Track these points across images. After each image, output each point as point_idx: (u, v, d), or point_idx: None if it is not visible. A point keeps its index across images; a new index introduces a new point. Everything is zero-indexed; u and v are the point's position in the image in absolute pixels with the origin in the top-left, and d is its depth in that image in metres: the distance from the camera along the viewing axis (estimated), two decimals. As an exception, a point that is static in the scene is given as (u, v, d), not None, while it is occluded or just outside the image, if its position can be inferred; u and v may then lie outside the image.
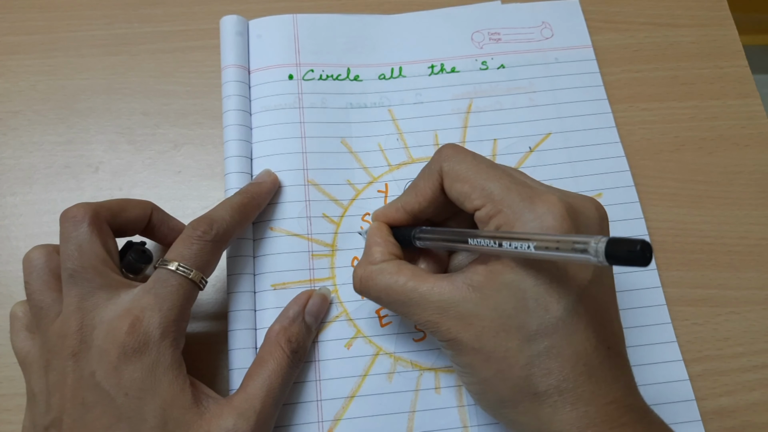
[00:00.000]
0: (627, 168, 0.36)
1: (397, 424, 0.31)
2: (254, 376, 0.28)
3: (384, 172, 0.36)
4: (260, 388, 0.27)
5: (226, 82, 0.37)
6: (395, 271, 0.27)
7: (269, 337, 0.30)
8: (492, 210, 0.25)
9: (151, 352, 0.26)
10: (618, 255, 0.18)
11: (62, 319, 0.26)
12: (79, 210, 0.28)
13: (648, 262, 0.18)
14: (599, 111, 0.38)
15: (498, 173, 0.26)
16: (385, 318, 0.33)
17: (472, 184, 0.26)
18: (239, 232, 0.31)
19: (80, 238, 0.27)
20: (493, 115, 0.38)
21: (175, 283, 0.27)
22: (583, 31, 0.40)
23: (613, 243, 0.19)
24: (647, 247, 0.18)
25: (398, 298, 0.27)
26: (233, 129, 0.35)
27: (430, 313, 0.25)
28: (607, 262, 0.19)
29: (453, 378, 0.32)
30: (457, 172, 0.27)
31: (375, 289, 0.27)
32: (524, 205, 0.24)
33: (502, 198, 0.25)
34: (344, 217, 0.35)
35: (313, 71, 0.38)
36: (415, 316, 0.26)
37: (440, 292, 0.25)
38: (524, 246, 0.22)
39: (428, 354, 0.32)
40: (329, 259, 0.34)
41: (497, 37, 0.40)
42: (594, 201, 0.26)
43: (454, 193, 0.27)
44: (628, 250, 0.18)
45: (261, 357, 0.29)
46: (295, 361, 0.29)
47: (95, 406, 0.25)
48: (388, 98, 0.38)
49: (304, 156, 0.35)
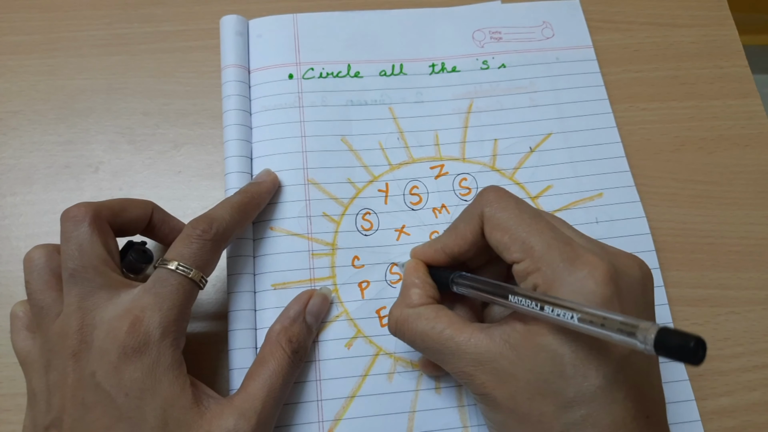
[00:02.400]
0: (627, 168, 0.36)
1: (398, 424, 0.31)
2: (255, 376, 0.28)
3: (384, 171, 0.36)
4: (261, 388, 0.27)
5: (226, 82, 0.37)
6: (433, 317, 0.26)
7: (270, 337, 0.30)
8: (531, 267, 0.24)
9: (151, 351, 0.26)
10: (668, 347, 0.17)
11: (63, 318, 0.26)
12: (80, 210, 0.27)
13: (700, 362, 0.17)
14: (600, 111, 0.38)
15: (540, 226, 0.25)
16: (385, 318, 0.33)
17: (512, 235, 0.25)
18: (239, 231, 0.31)
19: (81, 238, 0.27)
20: (494, 115, 0.37)
21: (175, 283, 0.27)
22: (583, 31, 0.40)
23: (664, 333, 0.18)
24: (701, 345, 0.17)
25: (434, 345, 0.26)
26: (233, 129, 0.35)
27: (465, 364, 0.25)
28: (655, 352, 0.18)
29: (453, 378, 0.31)
30: (498, 220, 0.26)
31: (411, 334, 0.27)
32: (564, 266, 0.23)
33: (542, 255, 0.24)
34: (344, 216, 0.35)
35: (313, 69, 0.38)
36: (450, 366, 0.26)
37: (477, 345, 0.25)
38: (567, 316, 0.21)
39: None
40: (330, 258, 0.34)
41: (498, 36, 0.40)
42: (637, 260, 0.26)
43: (494, 241, 0.26)
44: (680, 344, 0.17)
45: (262, 357, 0.29)
46: (296, 361, 0.29)
47: (95, 406, 0.25)
48: (389, 96, 0.38)
49: (304, 155, 0.35)
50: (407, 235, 0.34)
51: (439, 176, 0.36)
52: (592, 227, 0.35)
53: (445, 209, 0.35)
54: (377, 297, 0.33)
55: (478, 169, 0.36)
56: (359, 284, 0.33)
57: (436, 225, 0.35)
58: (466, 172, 0.36)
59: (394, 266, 0.34)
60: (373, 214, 0.35)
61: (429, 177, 0.36)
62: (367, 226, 0.34)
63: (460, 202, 0.35)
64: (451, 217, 0.35)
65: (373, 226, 0.35)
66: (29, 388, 0.27)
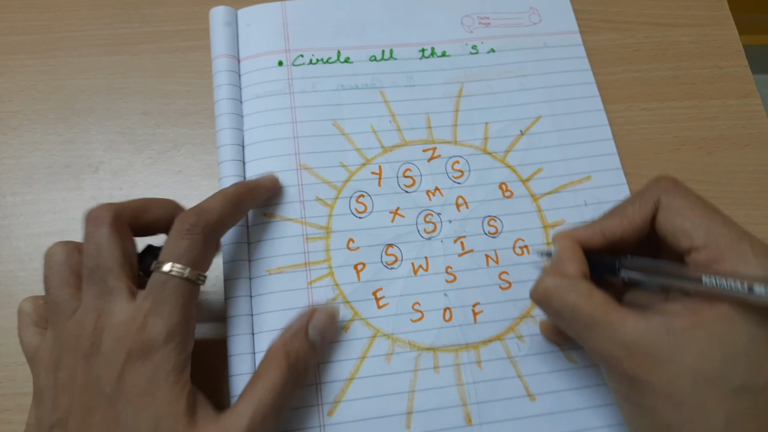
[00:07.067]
0: (615, 151, 0.37)
1: (397, 404, 0.31)
2: (245, 396, 0.27)
3: (377, 154, 0.36)
4: (249, 406, 0.26)
5: (216, 72, 0.37)
6: (587, 291, 0.26)
7: (268, 353, 0.29)
8: (716, 255, 0.24)
9: (154, 357, 0.25)
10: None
11: (79, 316, 0.26)
12: (102, 211, 0.27)
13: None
14: (587, 95, 0.38)
15: (723, 216, 0.25)
16: (382, 300, 0.33)
17: (695, 222, 0.25)
18: (233, 221, 0.30)
19: (99, 239, 0.27)
20: (484, 99, 0.38)
21: (171, 286, 0.26)
22: (570, 17, 0.41)
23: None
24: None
25: (585, 320, 0.25)
26: (225, 118, 0.35)
27: (615, 346, 0.24)
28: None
29: (451, 357, 0.32)
30: (678, 207, 0.26)
31: (560, 304, 0.26)
32: (758, 260, 0.23)
33: (731, 246, 0.24)
34: (338, 199, 0.35)
35: (303, 56, 0.38)
36: (596, 343, 0.25)
37: (634, 328, 0.24)
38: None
39: (426, 334, 0.32)
40: (324, 242, 0.34)
41: (487, 21, 0.40)
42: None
43: (672, 227, 0.26)
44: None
45: (257, 374, 0.28)
46: (294, 377, 0.28)
47: (97, 410, 0.25)
48: (380, 80, 0.38)
49: (295, 141, 0.35)
50: (402, 217, 0.35)
51: (431, 159, 0.36)
52: (581, 210, 0.35)
53: (438, 192, 0.35)
54: (373, 279, 0.33)
55: (470, 152, 0.36)
56: (355, 266, 0.33)
57: (430, 207, 0.35)
58: (459, 155, 0.36)
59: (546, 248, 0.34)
60: (367, 197, 0.35)
61: (422, 160, 0.36)
62: (361, 208, 0.35)
63: (453, 185, 0.36)
64: (445, 200, 0.35)
65: (367, 209, 0.35)
66: (36, 385, 0.27)
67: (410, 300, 0.33)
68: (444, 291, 0.33)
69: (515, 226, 0.35)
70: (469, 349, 0.32)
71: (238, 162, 0.35)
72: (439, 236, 0.34)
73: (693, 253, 0.25)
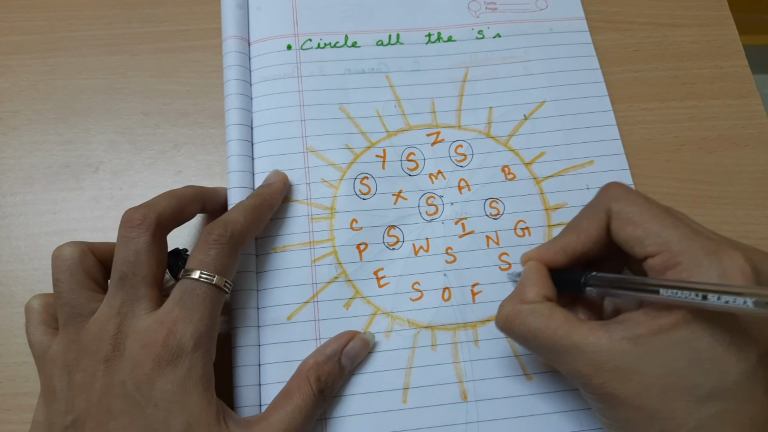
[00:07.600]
0: (618, 136, 0.37)
1: (394, 380, 0.31)
2: (278, 408, 0.28)
3: (382, 138, 0.36)
4: (282, 421, 0.27)
5: (227, 53, 0.37)
6: (547, 314, 0.26)
7: (300, 370, 0.29)
8: (669, 260, 0.24)
9: (183, 363, 0.26)
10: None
11: (100, 320, 0.26)
12: (146, 218, 0.27)
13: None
14: (591, 80, 0.39)
15: (673, 220, 0.25)
16: (383, 279, 0.33)
17: (646, 229, 0.25)
18: (254, 232, 0.31)
19: (139, 247, 0.27)
20: (489, 84, 0.38)
21: (200, 292, 0.27)
22: (576, 3, 0.41)
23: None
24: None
25: (546, 343, 0.25)
26: (234, 98, 0.36)
27: (581, 365, 0.24)
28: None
29: (449, 335, 0.32)
30: (628, 215, 0.26)
31: (522, 330, 0.26)
32: (709, 260, 0.23)
33: (682, 249, 0.24)
34: (343, 180, 0.35)
35: (311, 40, 0.38)
36: (564, 365, 0.25)
37: (596, 343, 0.24)
38: (740, 302, 0.20)
39: (425, 313, 0.33)
40: (328, 222, 0.34)
41: (494, 7, 0.40)
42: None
43: (624, 236, 0.26)
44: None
45: (288, 389, 0.29)
46: (321, 400, 0.29)
47: (122, 415, 0.25)
48: (386, 64, 0.38)
49: (302, 124, 0.36)
50: (404, 199, 0.35)
51: (435, 143, 0.36)
52: (583, 194, 0.35)
53: (441, 175, 0.36)
54: (375, 259, 0.34)
55: (473, 136, 0.37)
56: (357, 246, 0.34)
57: (433, 190, 0.35)
58: (462, 139, 0.37)
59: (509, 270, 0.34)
60: (371, 179, 0.35)
61: (425, 144, 0.36)
62: (365, 190, 0.35)
63: (456, 168, 0.36)
64: (447, 182, 0.35)
65: (371, 191, 0.35)
66: (47, 385, 0.27)
67: (410, 280, 0.33)
68: (444, 271, 0.34)
69: (517, 207, 0.35)
70: (467, 328, 0.33)
71: (246, 142, 0.35)
72: (440, 218, 0.35)
73: (649, 260, 0.25)
